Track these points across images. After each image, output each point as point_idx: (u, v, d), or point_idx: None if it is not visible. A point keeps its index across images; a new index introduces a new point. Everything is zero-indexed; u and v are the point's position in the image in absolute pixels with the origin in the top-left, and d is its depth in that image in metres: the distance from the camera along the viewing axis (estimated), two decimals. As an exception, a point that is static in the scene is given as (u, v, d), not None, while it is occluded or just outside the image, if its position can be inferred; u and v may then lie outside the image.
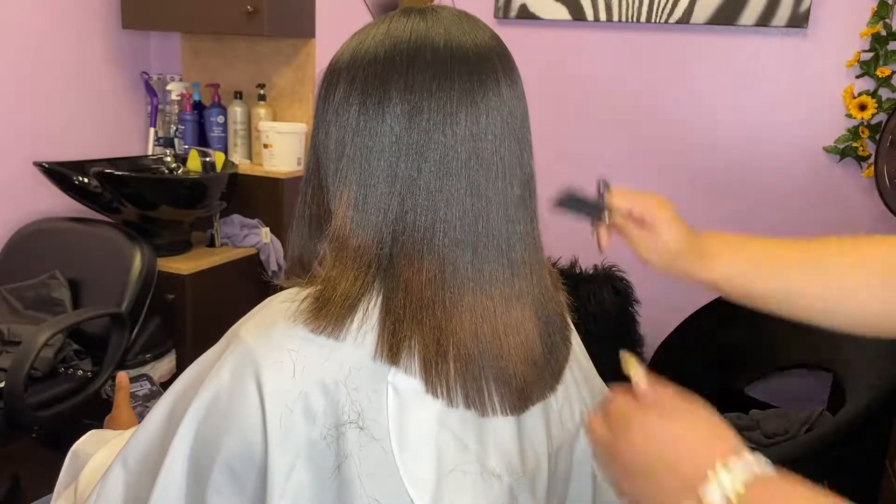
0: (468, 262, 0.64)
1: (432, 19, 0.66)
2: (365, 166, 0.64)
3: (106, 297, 2.04)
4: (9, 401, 1.70)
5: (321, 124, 0.67)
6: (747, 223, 2.17)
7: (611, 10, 2.18)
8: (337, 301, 0.62)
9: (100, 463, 0.79)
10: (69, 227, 2.23)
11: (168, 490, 0.63)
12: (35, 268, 2.14)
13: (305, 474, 0.61)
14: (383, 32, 0.65)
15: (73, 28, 2.50)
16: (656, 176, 2.26)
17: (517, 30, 2.33)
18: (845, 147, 2.02)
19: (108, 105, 2.68)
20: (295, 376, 0.61)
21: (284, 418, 0.60)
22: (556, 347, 0.72)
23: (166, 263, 2.25)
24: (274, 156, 2.50)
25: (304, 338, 0.62)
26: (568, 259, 2.29)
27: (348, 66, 0.65)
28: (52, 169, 2.18)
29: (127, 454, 0.68)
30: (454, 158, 0.63)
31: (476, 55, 0.64)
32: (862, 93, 1.97)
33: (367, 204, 0.64)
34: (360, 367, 0.62)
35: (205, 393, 0.62)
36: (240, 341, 0.63)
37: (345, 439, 0.61)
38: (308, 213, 0.70)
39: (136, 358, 2.16)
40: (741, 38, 2.10)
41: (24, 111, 2.38)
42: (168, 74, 2.83)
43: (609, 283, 2.18)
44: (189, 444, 0.63)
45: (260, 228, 2.51)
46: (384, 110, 0.63)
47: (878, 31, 1.93)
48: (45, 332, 1.76)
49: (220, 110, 2.66)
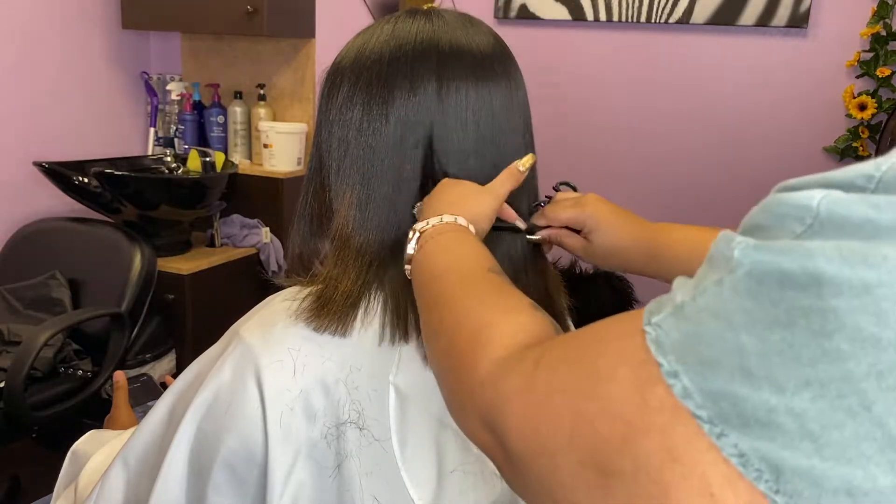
0: None
1: (438, 22, 0.66)
2: (368, 166, 0.64)
3: (106, 297, 2.04)
4: (9, 401, 1.70)
5: (324, 123, 0.67)
6: (747, 223, 2.17)
7: (611, 10, 2.18)
8: (338, 300, 0.62)
9: (99, 463, 0.79)
10: (69, 227, 2.23)
11: (168, 489, 0.63)
12: (35, 268, 2.14)
13: (306, 473, 0.61)
14: (388, 33, 0.65)
15: (73, 28, 2.50)
16: (656, 176, 2.26)
17: (517, 30, 2.33)
18: (845, 147, 2.02)
19: (108, 105, 2.68)
20: (295, 375, 0.61)
21: (285, 417, 0.60)
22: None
23: (166, 263, 2.25)
24: (274, 156, 2.50)
25: (305, 337, 0.62)
26: (568, 259, 2.29)
27: (353, 66, 0.65)
28: (52, 169, 2.18)
29: (127, 453, 0.68)
30: (458, 159, 0.63)
31: (481, 58, 0.65)
32: (862, 93, 1.97)
33: (370, 204, 0.64)
34: (361, 366, 0.62)
35: (205, 392, 0.62)
36: (240, 340, 0.63)
37: (345, 438, 0.61)
38: (309, 211, 0.70)
39: (136, 358, 2.16)
40: (741, 38, 2.10)
41: (24, 111, 2.38)
42: (168, 74, 2.83)
43: (609, 283, 2.18)
44: (189, 443, 0.63)
45: (260, 228, 2.51)
46: (388, 111, 0.63)
47: (877, 32, 1.93)
48: (45, 332, 1.76)
49: (220, 110, 2.66)
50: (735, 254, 0.32)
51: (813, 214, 0.31)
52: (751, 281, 0.31)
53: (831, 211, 0.30)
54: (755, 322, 0.30)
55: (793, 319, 0.29)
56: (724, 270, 0.32)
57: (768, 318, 0.30)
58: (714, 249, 0.34)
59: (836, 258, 0.28)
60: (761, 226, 0.33)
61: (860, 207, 0.29)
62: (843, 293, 0.28)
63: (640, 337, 0.35)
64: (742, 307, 0.30)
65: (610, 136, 2.30)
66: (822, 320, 0.28)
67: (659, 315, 0.35)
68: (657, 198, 2.24)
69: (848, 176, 0.31)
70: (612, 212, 0.74)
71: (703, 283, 0.33)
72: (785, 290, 0.29)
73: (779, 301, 0.29)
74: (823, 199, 0.30)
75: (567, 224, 0.73)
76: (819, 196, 0.31)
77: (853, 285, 0.28)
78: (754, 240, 0.32)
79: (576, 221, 0.73)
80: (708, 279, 0.33)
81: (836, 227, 0.30)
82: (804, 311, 0.29)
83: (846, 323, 0.28)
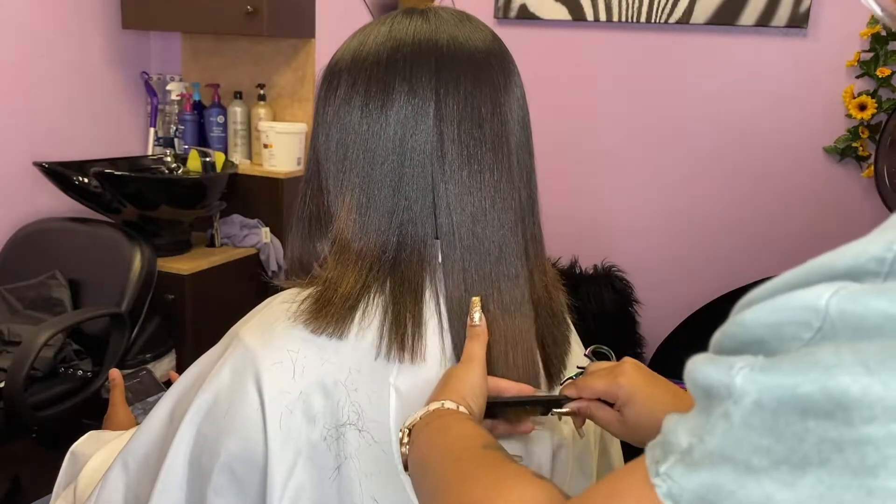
0: (480, 266, 0.64)
1: (435, 21, 0.65)
2: (368, 170, 0.63)
3: (106, 297, 2.04)
4: (9, 401, 1.70)
5: (321, 125, 0.67)
6: (747, 224, 2.17)
7: (611, 10, 2.18)
8: (337, 302, 0.62)
9: (99, 463, 0.78)
10: (69, 227, 2.23)
11: (168, 491, 0.63)
12: (35, 268, 2.14)
13: (306, 475, 0.60)
14: (385, 34, 0.65)
15: (73, 28, 2.50)
16: (656, 176, 2.26)
17: (517, 30, 2.33)
18: (845, 147, 2.02)
19: (108, 105, 2.68)
20: (295, 377, 0.61)
21: (284, 419, 0.60)
22: (555, 349, 0.72)
23: (166, 263, 2.24)
24: (274, 156, 2.50)
25: (304, 339, 0.62)
26: (568, 259, 2.29)
27: (349, 68, 0.65)
28: (52, 169, 2.18)
29: (127, 455, 0.68)
30: (460, 162, 0.63)
31: (478, 57, 0.64)
32: (862, 93, 1.97)
33: (371, 208, 0.63)
34: (360, 368, 0.62)
35: (205, 394, 0.62)
36: (240, 342, 0.63)
37: (345, 440, 0.61)
38: (307, 214, 0.70)
39: (136, 358, 2.16)
40: (741, 38, 2.10)
41: (24, 111, 2.38)
42: (168, 74, 2.83)
43: (609, 283, 2.18)
44: (189, 445, 0.63)
45: (260, 228, 2.51)
46: (387, 113, 0.63)
47: (877, 32, 1.93)
48: (45, 332, 1.76)
49: (220, 110, 2.66)
50: (737, 381, 0.27)
51: (822, 316, 0.26)
52: (763, 413, 0.26)
53: (843, 311, 0.25)
54: (778, 463, 0.25)
55: (825, 457, 0.24)
56: (728, 401, 0.27)
57: (795, 457, 0.25)
58: (705, 376, 0.29)
59: (860, 372, 0.24)
60: (759, 338, 0.28)
61: (879, 302, 0.24)
62: (878, 416, 0.23)
63: (650, 490, 0.30)
64: (759, 446, 0.26)
65: (610, 136, 2.30)
66: (859, 455, 0.24)
67: (666, 463, 0.30)
68: (657, 198, 2.24)
69: (857, 261, 0.26)
70: (649, 383, 0.66)
71: (710, 420, 0.28)
72: (807, 420, 0.25)
73: (803, 435, 0.25)
74: (833, 297, 0.25)
75: (599, 397, 0.67)
76: (827, 294, 0.26)
77: (887, 405, 0.23)
78: (755, 358, 0.27)
79: (609, 394, 0.66)
80: (714, 413, 0.28)
81: (852, 328, 0.25)
82: (836, 445, 0.24)
83: (889, 454, 0.23)
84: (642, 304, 2.24)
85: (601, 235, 2.31)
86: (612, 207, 2.30)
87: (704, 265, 2.22)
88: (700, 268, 2.23)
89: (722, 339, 0.30)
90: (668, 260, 2.26)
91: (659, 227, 2.25)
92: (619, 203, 2.29)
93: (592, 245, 2.30)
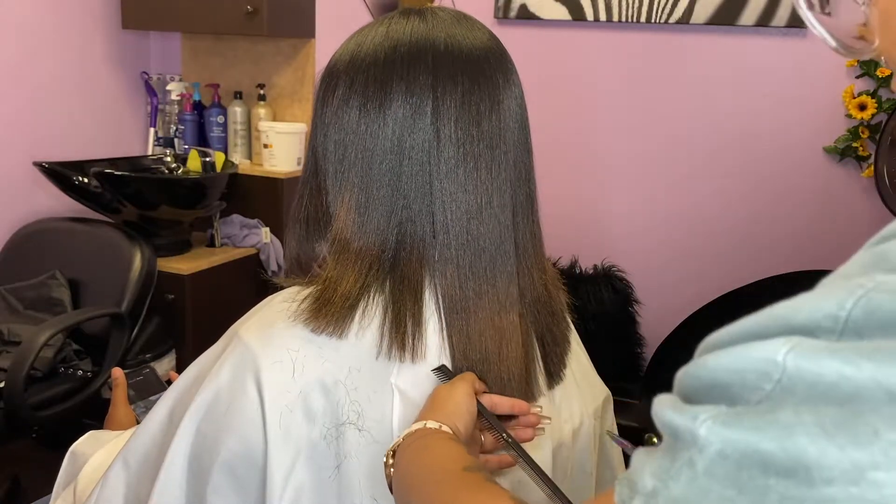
0: (475, 263, 0.64)
1: (432, 21, 0.66)
2: (366, 169, 0.64)
3: (106, 297, 2.04)
4: (9, 401, 1.70)
5: (319, 126, 0.67)
6: (747, 224, 2.17)
7: (611, 10, 2.18)
8: (337, 301, 0.62)
9: (98, 463, 0.78)
10: (69, 227, 2.23)
11: (168, 490, 0.63)
12: (35, 268, 2.14)
13: (305, 474, 0.61)
14: (383, 34, 0.65)
15: (73, 28, 2.50)
16: (655, 176, 2.26)
17: (517, 30, 2.33)
18: (845, 147, 2.02)
19: (108, 105, 2.68)
20: (295, 376, 0.61)
21: (284, 418, 0.60)
22: (555, 347, 0.72)
23: (166, 263, 2.24)
24: (274, 156, 2.50)
25: (304, 338, 0.62)
26: (568, 259, 2.29)
27: (347, 68, 0.65)
28: (52, 169, 2.18)
29: (127, 454, 0.68)
30: (457, 160, 0.63)
31: (476, 57, 0.64)
32: (862, 93, 1.97)
33: (370, 207, 0.63)
34: (360, 367, 0.62)
35: (205, 393, 0.62)
36: (239, 341, 0.63)
37: (344, 439, 0.61)
38: (305, 214, 0.70)
39: (136, 358, 2.16)
40: (741, 38, 2.10)
41: (24, 111, 2.38)
42: (168, 74, 2.83)
43: (609, 283, 2.18)
44: (189, 443, 0.63)
45: (260, 228, 2.51)
46: (385, 113, 0.63)
47: (877, 32, 1.93)
48: (45, 332, 1.76)
49: (220, 110, 2.66)
50: (701, 431, 0.27)
51: (780, 369, 0.26)
52: (727, 464, 0.26)
53: (799, 367, 0.26)
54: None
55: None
56: (693, 448, 0.28)
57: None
58: (671, 420, 0.29)
59: (817, 433, 0.24)
60: (721, 383, 0.28)
61: (832, 363, 0.25)
62: (836, 479, 0.24)
63: None
64: (722, 496, 0.26)
65: (609, 136, 2.30)
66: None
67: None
68: (657, 198, 2.24)
69: (812, 317, 0.27)
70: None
71: (675, 465, 0.29)
72: (769, 477, 0.25)
73: (765, 490, 0.25)
74: (790, 353, 0.26)
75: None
76: (784, 349, 0.27)
77: (843, 468, 0.24)
78: (718, 409, 0.27)
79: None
80: (679, 458, 0.29)
81: (808, 384, 0.26)
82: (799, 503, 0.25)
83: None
84: (642, 304, 2.24)
85: (601, 235, 2.31)
86: (612, 207, 2.30)
87: (704, 265, 2.22)
88: (700, 268, 2.23)
89: (684, 380, 0.31)
90: (668, 260, 2.26)
91: (659, 226, 2.25)
92: (619, 203, 2.29)
93: (592, 245, 2.30)
